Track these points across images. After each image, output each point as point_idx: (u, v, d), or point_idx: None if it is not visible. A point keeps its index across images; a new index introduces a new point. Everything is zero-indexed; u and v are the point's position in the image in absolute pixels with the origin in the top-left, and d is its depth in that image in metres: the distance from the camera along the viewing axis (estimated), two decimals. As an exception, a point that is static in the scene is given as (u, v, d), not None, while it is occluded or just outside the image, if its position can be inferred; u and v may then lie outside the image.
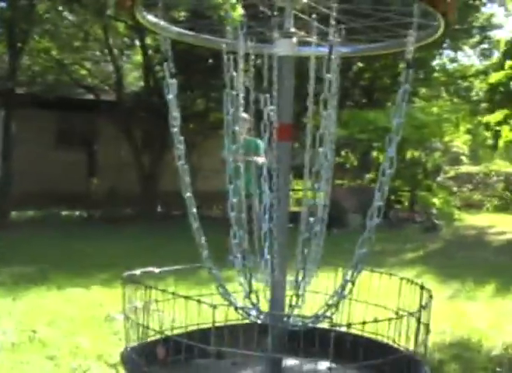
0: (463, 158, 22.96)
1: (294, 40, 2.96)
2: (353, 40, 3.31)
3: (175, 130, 2.84)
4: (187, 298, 2.70)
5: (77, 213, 18.55)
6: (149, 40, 18.35)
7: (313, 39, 3.06)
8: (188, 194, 2.92)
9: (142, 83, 21.15)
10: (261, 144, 2.90)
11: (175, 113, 2.84)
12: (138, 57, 21.48)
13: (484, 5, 21.32)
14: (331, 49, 2.71)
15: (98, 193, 18.65)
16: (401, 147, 17.26)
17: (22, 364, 5.08)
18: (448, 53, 23.00)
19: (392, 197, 19.39)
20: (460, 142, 19.80)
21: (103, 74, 22.18)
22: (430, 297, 2.95)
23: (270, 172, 3.21)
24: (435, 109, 19.98)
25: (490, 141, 20.46)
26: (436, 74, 22.87)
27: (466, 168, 25.55)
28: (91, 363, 5.14)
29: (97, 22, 18.41)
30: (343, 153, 19.11)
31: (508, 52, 17.35)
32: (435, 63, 22.76)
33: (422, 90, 23.33)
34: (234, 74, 2.81)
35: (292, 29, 2.98)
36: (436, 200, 18.42)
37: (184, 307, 3.02)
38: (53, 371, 4.97)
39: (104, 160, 19.69)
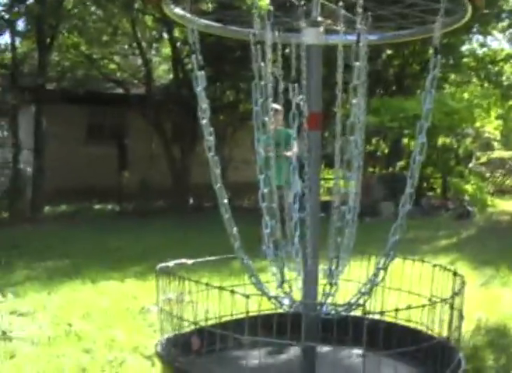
0: (495, 143, 22.73)
1: (321, 28, 2.96)
2: (381, 28, 3.29)
3: (204, 122, 2.83)
4: (220, 288, 2.70)
5: (109, 207, 18.67)
6: (177, 33, 18.37)
7: (341, 27, 3.05)
8: (219, 185, 2.92)
9: (171, 76, 21.21)
10: (293, 134, 2.90)
11: (204, 105, 2.84)
12: (167, 50, 21.53)
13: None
14: (359, 37, 2.70)
15: (130, 186, 18.73)
16: (432, 133, 17.17)
17: (58, 358, 5.12)
18: (478, 37, 22.78)
19: (424, 184, 19.30)
20: (491, 127, 19.57)
21: (132, 68, 22.30)
22: (463, 283, 2.93)
23: (301, 161, 3.21)
24: (465, 95, 19.83)
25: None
26: (465, 60, 22.69)
27: (498, 153, 25.31)
28: (127, 355, 5.17)
29: (125, 16, 18.48)
30: (374, 141, 19.04)
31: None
32: (464, 48, 22.58)
33: (452, 76, 23.16)
34: (262, 64, 2.80)
35: (319, 18, 2.97)
36: (468, 187, 18.28)
37: (217, 298, 3.03)
38: (89, 363, 5.00)
39: (135, 153, 19.77)
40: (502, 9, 20.28)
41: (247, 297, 2.62)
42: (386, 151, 19.36)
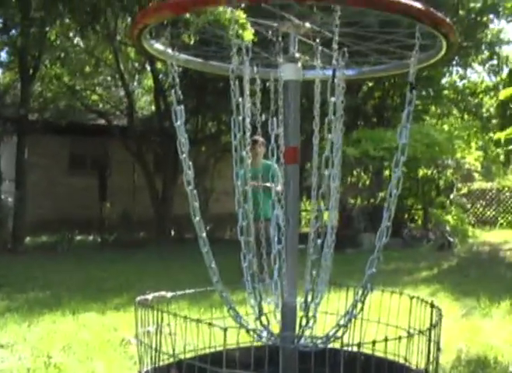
0: (475, 174, 22.90)
1: (299, 64, 3.00)
2: (358, 63, 3.34)
3: (184, 156, 2.85)
4: (198, 321, 2.71)
5: (90, 237, 18.63)
6: (159, 65, 18.48)
7: (318, 63, 3.09)
8: (197, 219, 2.93)
9: (153, 107, 21.29)
10: (274, 166, 2.91)
11: (183, 139, 2.86)
12: (149, 82, 21.65)
13: (492, 21, 21.38)
14: (334, 73, 2.74)
15: (111, 217, 18.72)
16: (414, 165, 17.31)
17: (38, 390, 5.10)
18: (457, 70, 23.01)
19: (405, 216, 19.40)
20: (472, 159, 19.74)
21: (114, 100, 22.38)
22: (440, 315, 2.95)
23: (279, 194, 3.24)
24: (446, 127, 20.03)
25: (502, 158, 20.48)
26: (446, 92, 22.90)
27: (479, 184, 25.52)
28: (107, 388, 5.16)
29: (107, 48, 18.58)
30: (355, 173, 19.13)
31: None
32: (444, 81, 22.80)
33: (433, 108, 23.36)
34: (240, 99, 2.83)
35: (297, 54, 3.02)
36: (449, 218, 18.39)
37: (196, 331, 3.04)
38: (68, 396, 4.98)
39: (117, 184, 19.78)
40: (481, 41, 20.52)
41: (225, 330, 2.62)
42: (367, 182, 19.44)
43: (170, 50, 2.89)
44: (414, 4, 2.47)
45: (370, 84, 21.08)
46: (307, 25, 2.97)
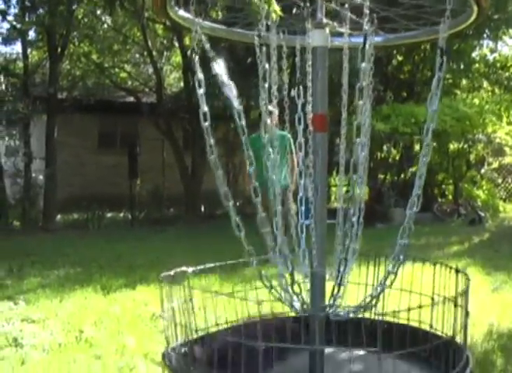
0: (506, 149, 22.65)
1: (327, 30, 2.96)
2: (387, 30, 3.28)
3: (206, 124, 2.83)
4: (229, 295, 2.69)
5: (121, 215, 18.70)
6: (187, 41, 18.40)
7: (346, 29, 3.05)
8: (225, 189, 2.88)
9: (181, 84, 21.23)
10: (288, 136, 2.85)
11: (205, 108, 2.83)
12: (178, 59, 21.59)
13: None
14: (366, 39, 2.69)
15: (141, 194, 18.79)
16: (444, 140, 17.16)
17: (69, 364, 5.14)
18: (488, 43, 22.70)
19: (436, 191, 19.27)
20: (503, 133, 19.51)
21: (143, 77, 22.36)
22: (467, 280, 2.91)
23: (307, 165, 3.19)
24: (476, 101, 19.80)
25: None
26: (476, 66, 22.61)
27: (510, 159, 25.24)
28: (137, 361, 5.18)
29: (136, 25, 18.56)
30: (385, 148, 18.99)
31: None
32: (475, 54, 22.50)
33: (463, 82, 23.10)
34: (267, 66, 2.80)
35: (325, 20, 2.97)
36: (480, 193, 18.26)
37: (227, 305, 3.03)
38: (100, 370, 5.01)
39: (147, 162, 19.79)
40: (511, 15, 20.22)
41: (259, 302, 2.60)
42: (397, 157, 19.30)
43: (194, 17, 2.85)
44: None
45: (400, 58, 20.89)
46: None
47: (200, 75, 2.80)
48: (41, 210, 16.60)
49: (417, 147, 18.91)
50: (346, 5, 3.04)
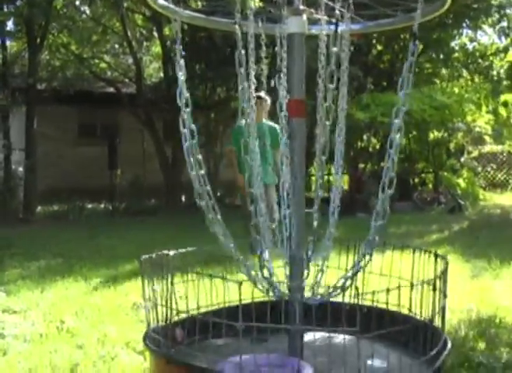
0: (486, 137, 22.79)
1: (304, 16, 2.97)
2: (364, 17, 3.30)
3: (185, 110, 2.84)
4: (210, 276, 2.71)
5: (102, 206, 18.66)
6: (167, 31, 18.36)
7: (322, 16, 3.06)
8: (201, 172, 2.90)
9: (161, 74, 21.19)
10: (277, 129, 2.85)
11: (185, 93, 2.86)
12: (157, 49, 21.54)
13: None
14: (337, 25, 2.72)
15: (121, 185, 18.76)
16: (424, 128, 17.25)
17: (51, 354, 5.13)
18: (467, 32, 22.80)
19: (416, 180, 19.37)
20: (482, 122, 19.64)
21: (122, 67, 22.29)
22: (446, 264, 2.95)
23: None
24: (456, 90, 19.88)
25: (513, 120, 20.39)
26: (456, 55, 22.71)
27: (490, 147, 25.45)
28: (119, 350, 5.19)
29: (115, 15, 18.49)
30: (365, 137, 19.03)
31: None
32: (454, 43, 22.59)
33: (443, 71, 23.19)
34: (243, 52, 2.82)
35: (301, 7, 2.99)
36: (460, 181, 18.36)
37: (209, 288, 3.04)
38: (81, 359, 5.01)
39: (127, 152, 19.76)
40: (490, 4, 20.32)
41: (240, 283, 2.62)
42: (377, 146, 19.35)
43: (173, 6, 2.86)
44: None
45: (380, 47, 20.94)
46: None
47: (181, 62, 2.82)
48: (21, 202, 16.55)
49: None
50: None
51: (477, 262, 9.06)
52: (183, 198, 18.83)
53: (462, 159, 19.85)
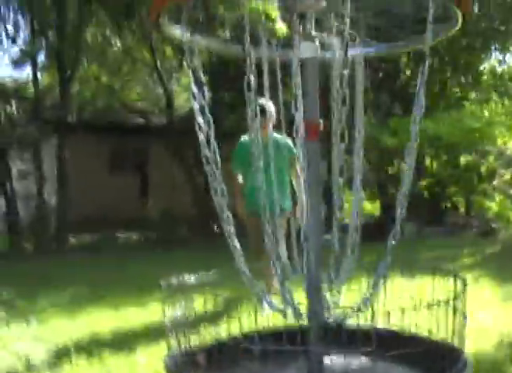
0: (518, 160, 22.64)
1: (317, 42, 3.00)
2: (379, 39, 3.32)
3: (201, 137, 2.88)
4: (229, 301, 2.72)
5: (133, 236, 18.73)
6: (196, 62, 18.47)
7: (335, 41, 3.09)
8: (219, 196, 2.93)
9: (191, 105, 21.31)
10: (288, 143, 2.80)
11: (201, 120, 2.89)
12: (187, 79, 21.69)
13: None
14: (347, 46, 2.73)
15: (153, 215, 18.82)
16: (454, 152, 17.15)
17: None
18: (496, 55, 22.71)
19: (448, 204, 19.25)
20: (514, 144, 19.52)
21: (152, 98, 22.47)
22: (464, 284, 2.94)
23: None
24: (486, 113, 19.79)
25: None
26: (485, 78, 22.60)
27: (522, 170, 25.27)
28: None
29: (144, 47, 18.69)
30: (395, 163, 18.97)
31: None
32: (483, 67, 22.51)
33: (472, 94, 23.10)
34: (252, 77, 2.85)
35: (314, 32, 3.01)
36: (492, 204, 18.21)
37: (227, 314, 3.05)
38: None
39: (158, 182, 19.87)
40: (518, 25, 20.28)
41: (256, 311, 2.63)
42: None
43: (189, 34, 2.90)
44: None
45: (408, 73, 20.93)
46: (323, 3, 2.96)
47: (194, 88, 2.87)
48: (54, 233, 16.67)
49: (427, 161, 18.92)
50: (332, 17, 3.08)
51: (510, 285, 8.97)
52: (215, 227, 18.84)
53: (494, 183, 19.70)
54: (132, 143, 21.95)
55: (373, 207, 22.88)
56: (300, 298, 3.14)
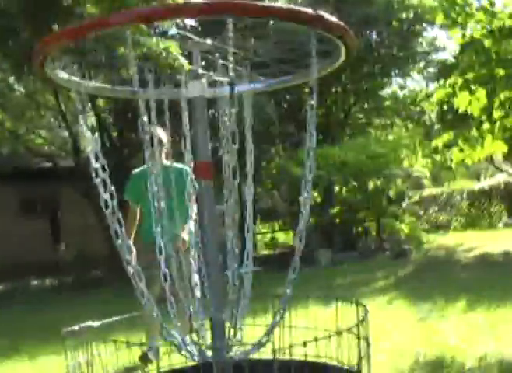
0: (425, 181, 23.18)
1: (204, 80, 3.02)
2: (265, 75, 3.35)
3: (98, 180, 2.87)
4: (128, 344, 2.70)
5: (47, 281, 18.40)
6: (101, 103, 18.40)
7: (222, 78, 3.11)
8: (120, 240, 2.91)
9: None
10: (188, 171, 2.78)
11: (97, 165, 2.89)
12: (92, 120, 21.55)
13: (425, 29, 21.67)
14: (233, 87, 2.76)
15: (66, 258, 18.54)
16: (361, 178, 17.45)
17: None
18: (396, 80, 23.28)
19: (359, 229, 19.50)
20: (420, 166, 19.97)
21: (59, 141, 22.21)
22: (366, 311, 2.97)
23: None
24: (391, 137, 20.23)
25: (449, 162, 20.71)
26: (387, 103, 23.11)
27: (429, 190, 25.89)
28: None
29: (48, 91, 18.49)
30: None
31: (444, 71, 17.74)
32: (384, 92, 23.02)
33: (377, 120, 23.59)
34: (145, 118, 2.86)
35: (201, 71, 3.04)
36: (402, 226, 18.53)
37: (128, 356, 3.03)
38: None
39: (69, 225, 19.59)
40: (415, 51, 20.89)
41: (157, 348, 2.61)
42: (318, 199, 19.45)
43: (76, 79, 2.89)
44: (304, 10, 2.51)
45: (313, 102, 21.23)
46: (208, 41, 2.99)
47: (87, 133, 2.86)
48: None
49: (337, 188, 19.17)
50: (217, 55, 3.10)
51: (423, 304, 9.14)
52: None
53: (403, 205, 20.06)
54: (41, 187, 21.59)
55: (287, 237, 23.09)
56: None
